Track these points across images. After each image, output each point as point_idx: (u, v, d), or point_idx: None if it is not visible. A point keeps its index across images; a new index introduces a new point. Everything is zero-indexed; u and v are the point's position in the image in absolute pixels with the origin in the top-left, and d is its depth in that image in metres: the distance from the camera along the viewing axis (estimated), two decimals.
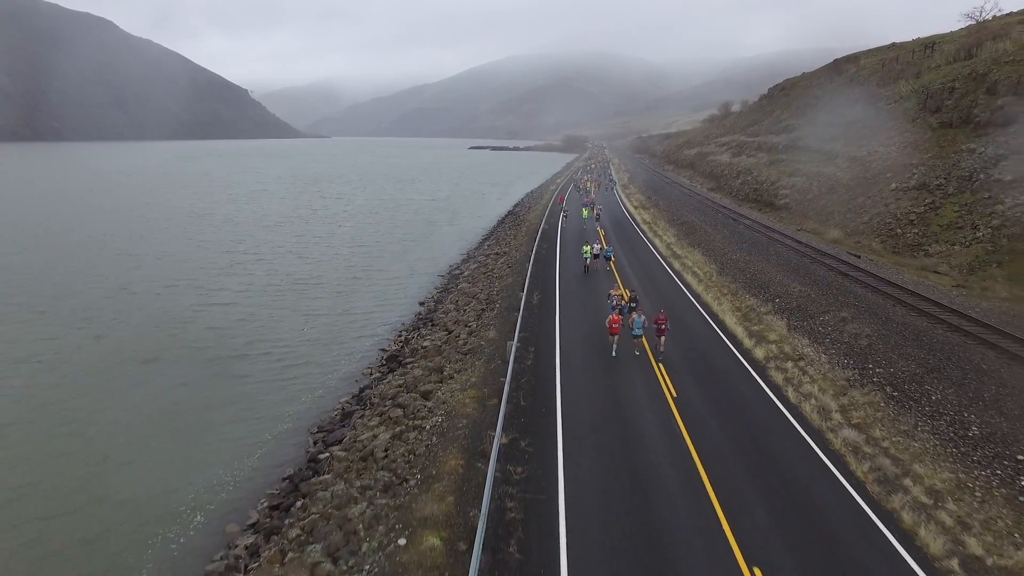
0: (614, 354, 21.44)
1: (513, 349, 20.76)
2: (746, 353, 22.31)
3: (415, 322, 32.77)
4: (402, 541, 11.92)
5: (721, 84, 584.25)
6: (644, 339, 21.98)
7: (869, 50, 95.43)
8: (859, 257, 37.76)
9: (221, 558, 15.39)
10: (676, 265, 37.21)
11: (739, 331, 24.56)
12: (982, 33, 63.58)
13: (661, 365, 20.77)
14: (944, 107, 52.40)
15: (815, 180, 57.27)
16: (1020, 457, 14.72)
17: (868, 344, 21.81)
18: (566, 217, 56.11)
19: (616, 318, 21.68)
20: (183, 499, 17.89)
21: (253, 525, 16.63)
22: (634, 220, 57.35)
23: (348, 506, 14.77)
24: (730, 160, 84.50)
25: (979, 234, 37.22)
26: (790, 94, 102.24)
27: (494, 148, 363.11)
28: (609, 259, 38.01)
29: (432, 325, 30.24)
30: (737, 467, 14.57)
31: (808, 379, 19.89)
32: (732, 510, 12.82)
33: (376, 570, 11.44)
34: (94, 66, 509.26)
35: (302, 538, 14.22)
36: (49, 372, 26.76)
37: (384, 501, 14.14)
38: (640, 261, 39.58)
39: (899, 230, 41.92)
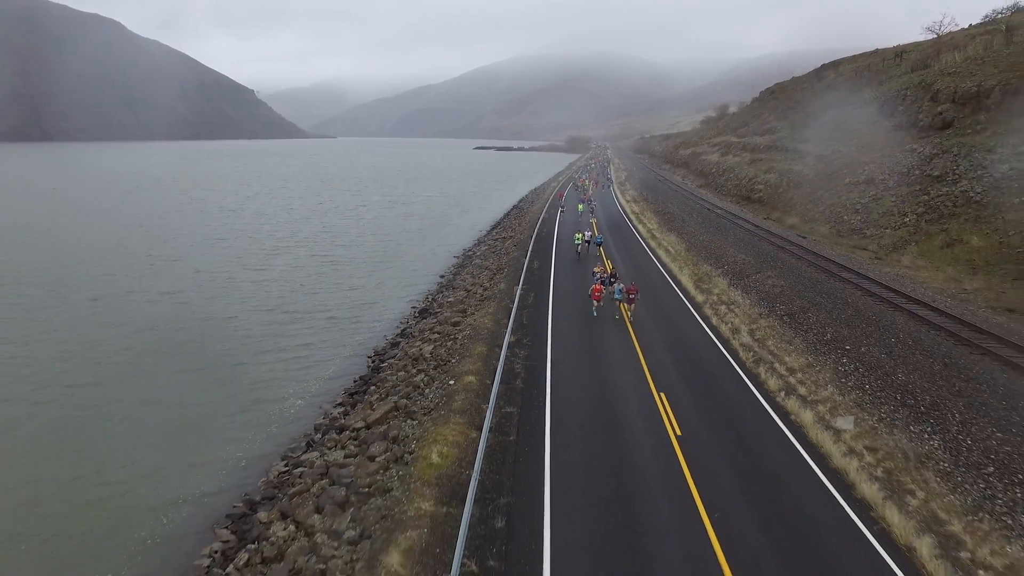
0: (595, 314, 27.45)
1: (519, 292, 28.82)
2: (691, 299, 30.32)
3: (439, 288, 40.87)
4: (451, 382, 19.98)
5: (726, 85, 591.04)
6: (621, 303, 28.81)
7: (852, 56, 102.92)
8: (804, 238, 45.72)
9: (323, 417, 23.39)
10: (653, 244, 45.26)
11: (691, 287, 32.56)
12: (941, 44, 71.40)
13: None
14: (896, 112, 60.27)
15: (785, 176, 65.20)
16: (847, 347, 22.69)
17: (780, 291, 29.82)
18: (563, 212, 64.00)
19: (599, 287, 28.03)
20: (285, 394, 25.86)
21: (340, 403, 24.63)
22: (624, 211, 65.42)
23: (411, 379, 22.88)
24: (718, 159, 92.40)
25: (906, 219, 45.11)
26: (778, 97, 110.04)
27: (499, 148, 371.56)
28: (599, 245, 45.15)
29: (453, 288, 38.32)
30: (663, 352, 22.61)
31: (732, 314, 27.87)
32: (654, 370, 20.88)
33: (436, 395, 19.51)
34: (103, 67, 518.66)
35: (382, 396, 22.28)
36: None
37: (435, 372, 22.25)
38: (624, 242, 47.62)
39: (845, 217, 49.89)
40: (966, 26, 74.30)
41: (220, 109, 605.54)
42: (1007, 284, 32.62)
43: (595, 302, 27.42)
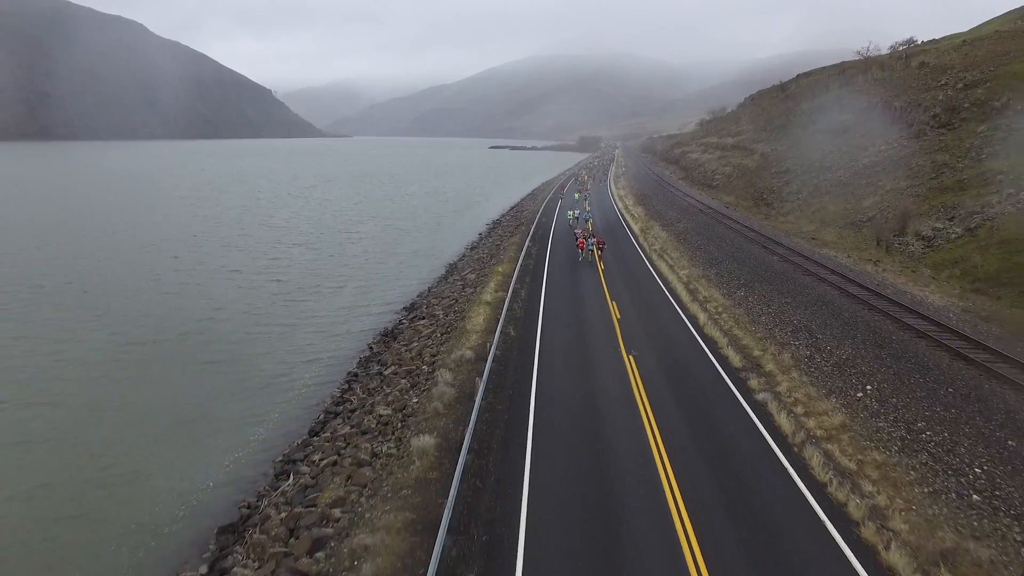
0: (580, 259, 49.46)
1: (532, 229, 51.30)
2: (636, 236, 52.63)
3: (479, 239, 63.33)
4: (501, 256, 42.39)
5: (739, 85, 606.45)
6: (595, 251, 50.32)
7: (820, 68, 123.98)
8: (728, 207, 67.75)
9: (429, 287, 45.65)
10: (625, 214, 67.62)
11: (638, 231, 54.84)
12: (870, 64, 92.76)
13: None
14: (819, 119, 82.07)
15: (737, 169, 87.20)
16: (703, 249, 44.83)
17: (685, 229, 52.12)
18: (564, 199, 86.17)
19: (582, 241, 50.06)
20: (402, 282, 48.22)
21: (437, 282, 46.90)
22: (612, 195, 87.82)
23: (480, 262, 45.27)
24: (698, 157, 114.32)
25: (800, 196, 66.98)
26: (757, 103, 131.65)
27: (513, 148, 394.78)
28: (588, 220, 66.93)
29: (490, 237, 60.81)
30: (614, 265, 44.82)
31: (656, 240, 50.05)
32: (608, 276, 43.24)
33: (495, 261, 41.92)
34: (126, 68, 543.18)
35: (464, 269, 44.63)
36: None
37: (490, 260, 44.73)
38: (606, 214, 69.95)
39: (765, 195, 71.87)
40: (885, 51, 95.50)
41: (239, 108, 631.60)
42: (834, 230, 54.57)
43: (580, 251, 45.95)
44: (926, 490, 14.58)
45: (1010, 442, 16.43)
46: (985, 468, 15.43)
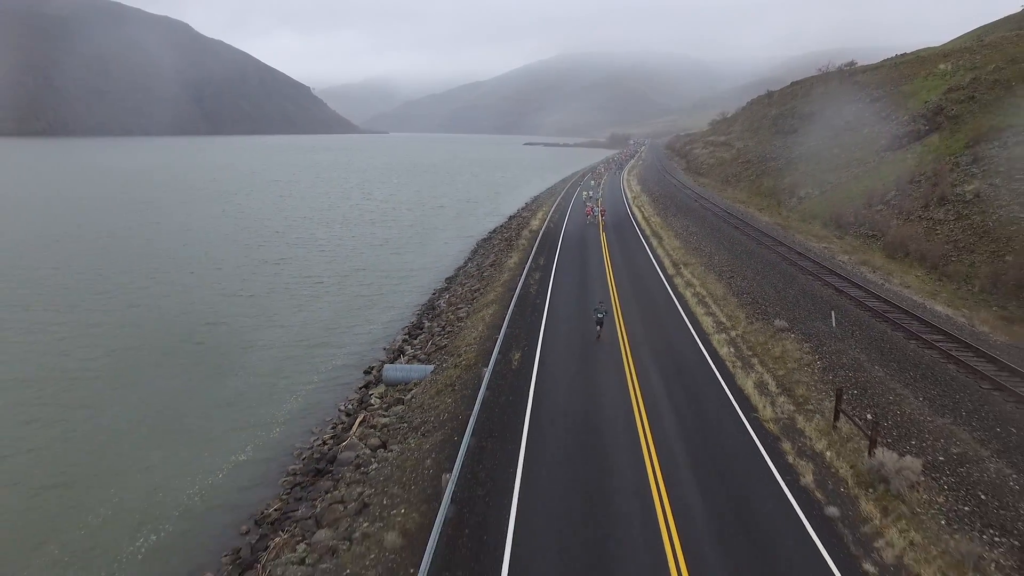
0: (588, 222, 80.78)
1: (555, 205, 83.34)
2: (628, 201, 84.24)
3: (526, 205, 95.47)
4: (539, 209, 74.42)
5: (770, 83, 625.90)
6: (599, 218, 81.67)
7: (801, 80, 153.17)
8: (699, 185, 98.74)
9: (484, 234, 77.81)
10: (627, 190, 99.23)
11: (631, 198, 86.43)
12: (827, 78, 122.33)
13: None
14: (777, 123, 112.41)
15: (718, 160, 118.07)
16: (668, 210, 76.29)
17: (661, 195, 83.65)
18: (581, 186, 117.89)
19: (589, 210, 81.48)
20: (473, 224, 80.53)
21: (505, 223, 79.03)
22: (622, 180, 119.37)
23: (531, 211, 77.36)
24: (699, 152, 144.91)
25: (751, 178, 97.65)
26: (751, 107, 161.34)
27: (546, 144, 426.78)
28: (598, 200, 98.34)
29: (534, 203, 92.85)
30: (611, 224, 76.42)
31: (641, 202, 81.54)
32: (603, 216, 75.17)
33: (534, 210, 73.98)
34: (173, 67, 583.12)
35: (515, 216, 76.74)
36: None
37: (536, 207, 76.83)
38: (613, 190, 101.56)
39: (729, 178, 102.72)
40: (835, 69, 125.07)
41: (279, 105, 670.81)
42: (759, 197, 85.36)
43: (588, 216, 79.93)
44: (689, 253, 46.25)
45: (724, 242, 48.24)
46: (712, 246, 47.08)
